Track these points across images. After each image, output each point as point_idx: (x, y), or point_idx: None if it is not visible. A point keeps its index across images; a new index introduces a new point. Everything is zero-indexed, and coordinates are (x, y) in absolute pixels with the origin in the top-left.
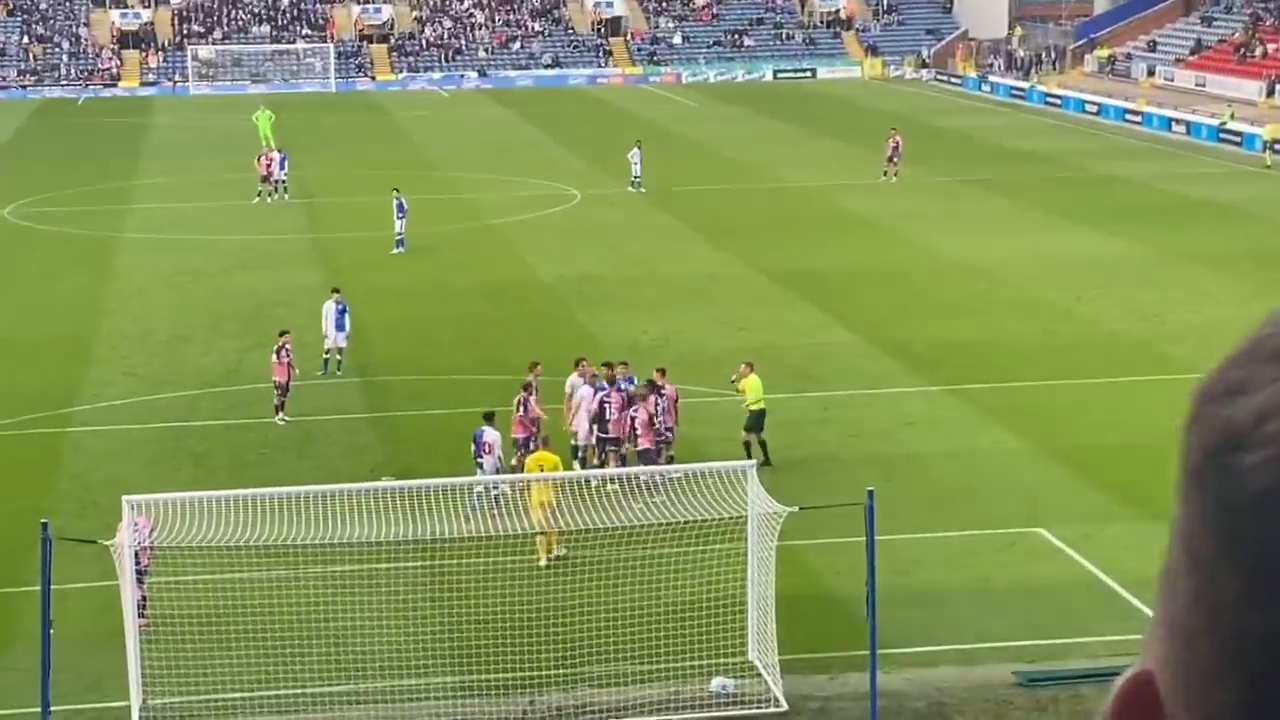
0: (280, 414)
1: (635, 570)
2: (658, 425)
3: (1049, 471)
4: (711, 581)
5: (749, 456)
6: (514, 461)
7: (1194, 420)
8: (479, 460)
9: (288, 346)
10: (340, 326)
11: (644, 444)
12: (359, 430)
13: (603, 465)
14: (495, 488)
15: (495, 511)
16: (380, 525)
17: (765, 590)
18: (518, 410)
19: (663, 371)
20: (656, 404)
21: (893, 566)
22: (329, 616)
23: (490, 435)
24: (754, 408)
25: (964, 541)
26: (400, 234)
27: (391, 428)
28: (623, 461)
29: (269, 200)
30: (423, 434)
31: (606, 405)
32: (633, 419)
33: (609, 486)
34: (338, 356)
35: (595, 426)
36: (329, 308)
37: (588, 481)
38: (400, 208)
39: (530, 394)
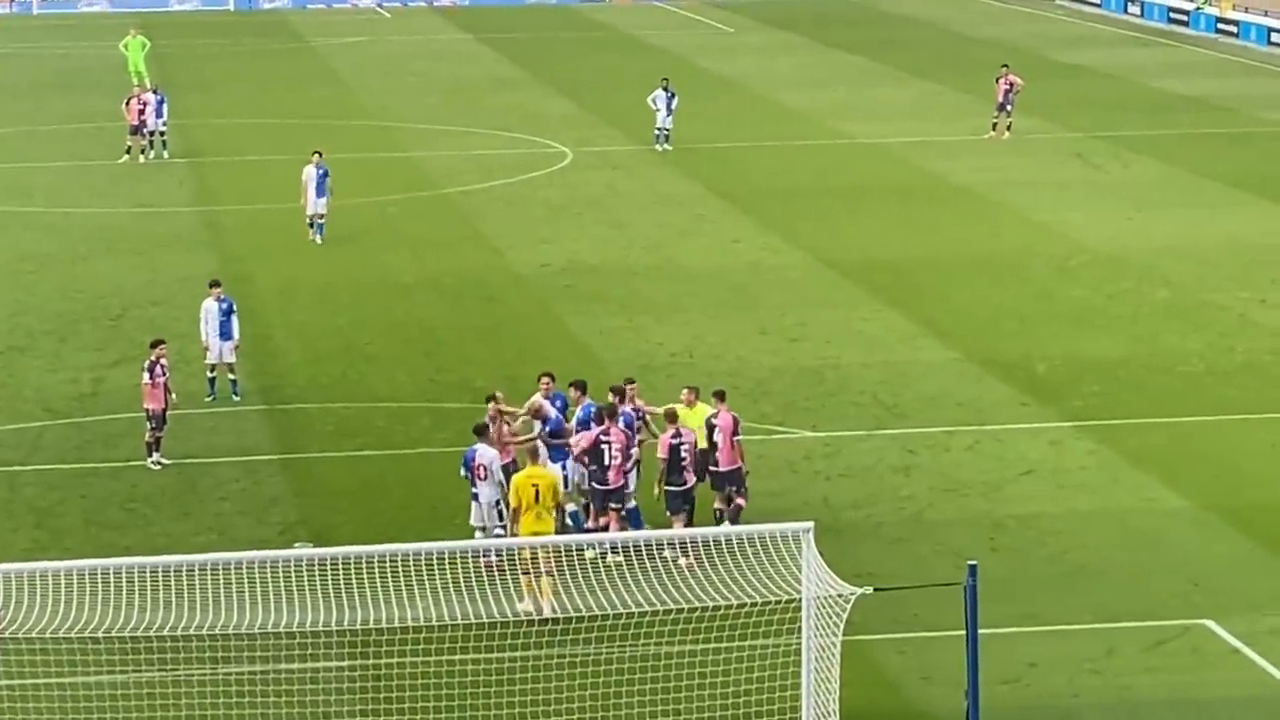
0: (154, 454)
1: (645, 676)
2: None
3: (1219, 540)
4: (751, 691)
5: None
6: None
7: None
8: (474, 490)
9: (164, 362)
10: (226, 334)
11: (727, 464)
12: (264, 477)
13: (598, 527)
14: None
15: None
16: (293, 610)
17: (826, 704)
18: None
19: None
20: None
21: (1003, 671)
22: None
23: (486, 455)
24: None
25: (1101, 636)
26: (320, 216)
27: (309, 474)
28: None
29: (141, 159)
30: (352, 483)
31: (605, 447)
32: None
33: (610, 558)
34: (230, 375)
35: (589, 474)
36: (209, 308)
37: (580, 550)
38: (323, 179)
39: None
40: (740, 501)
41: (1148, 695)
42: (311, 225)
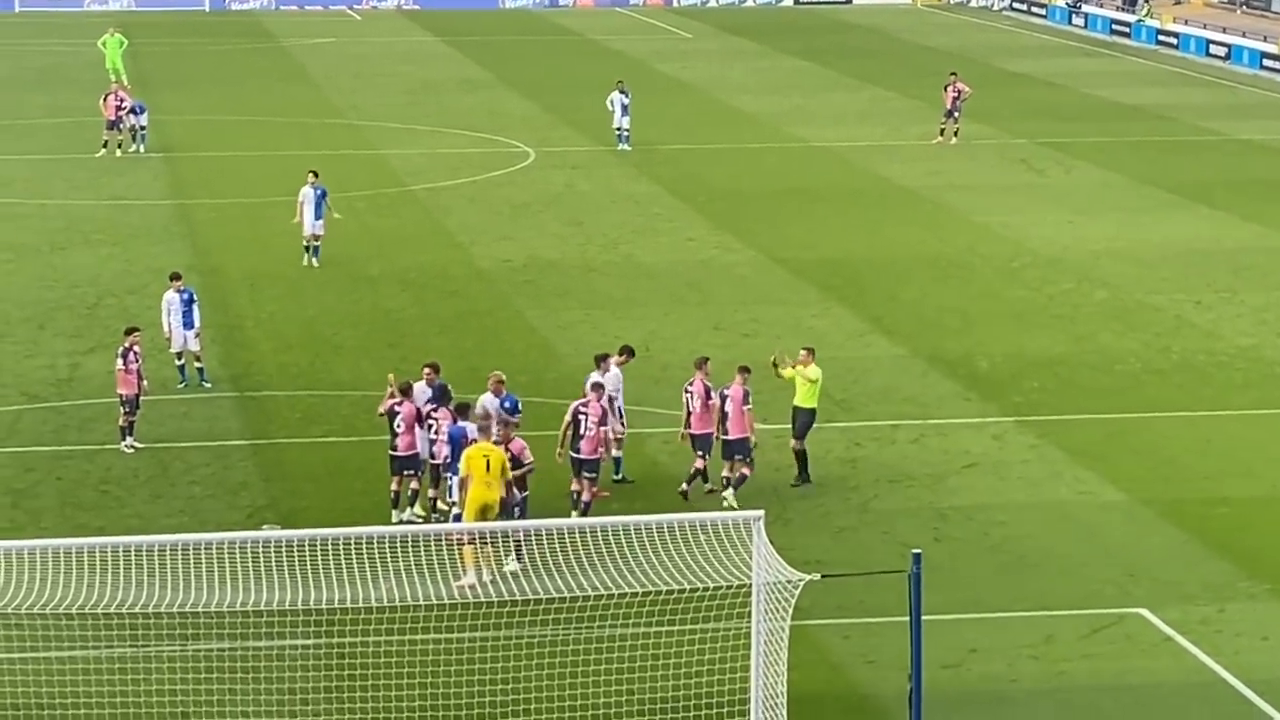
0: (128, 438)
1: (601, 657)
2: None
3: (1154, 532)
4: (702, 674)
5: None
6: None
7: None
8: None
9: (138, 349)
10: (189, 323)
11: (736, 432)
12: (233, 462)
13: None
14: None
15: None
16: (260, 590)
17: (774, 686)
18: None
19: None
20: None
21: (944, 656)
22: (190, 711)
23: (474, 431)
24: (805, 405)
25: (1039, 624)
26: (317, 238)
27: (277, 459)
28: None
29: (118, 153)
30: (318, 468)
31: (582, 417)
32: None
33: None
34: (196, 364)
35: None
36: (171, 299)
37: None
38: (320, 199)
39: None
40: (745, 471)
41: (1083, 681)
42: (308, 248)
